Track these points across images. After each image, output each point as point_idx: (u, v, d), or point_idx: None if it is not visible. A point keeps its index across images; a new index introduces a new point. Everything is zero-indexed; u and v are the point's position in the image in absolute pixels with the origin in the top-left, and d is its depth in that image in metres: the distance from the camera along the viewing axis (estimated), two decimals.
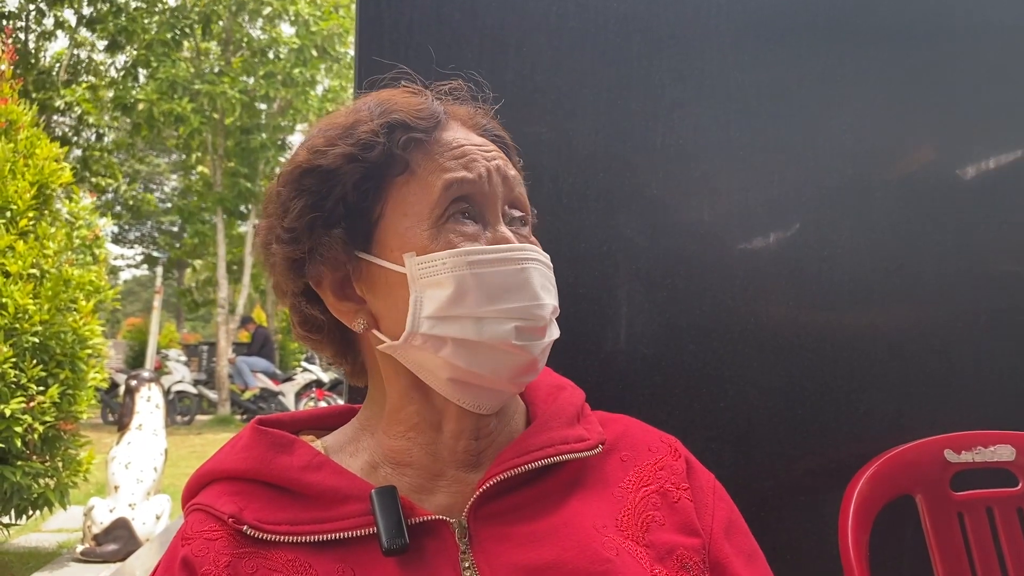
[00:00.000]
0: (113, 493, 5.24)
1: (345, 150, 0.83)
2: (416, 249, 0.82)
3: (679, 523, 0.86)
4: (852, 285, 1.48)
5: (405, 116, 0.84)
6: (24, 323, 4.24)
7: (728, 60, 1.48)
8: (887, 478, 1.35)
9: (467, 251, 0.80)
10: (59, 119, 14.56)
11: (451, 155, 0.84)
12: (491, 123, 0.92)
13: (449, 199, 0.82)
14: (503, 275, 0.81)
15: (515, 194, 0.88)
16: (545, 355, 0.85)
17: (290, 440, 0.86)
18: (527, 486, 0.84)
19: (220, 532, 0.80)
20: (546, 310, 0.82)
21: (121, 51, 14.27)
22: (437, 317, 0.80)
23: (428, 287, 0.81)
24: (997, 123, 1.57)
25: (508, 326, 0.80)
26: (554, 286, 0.86)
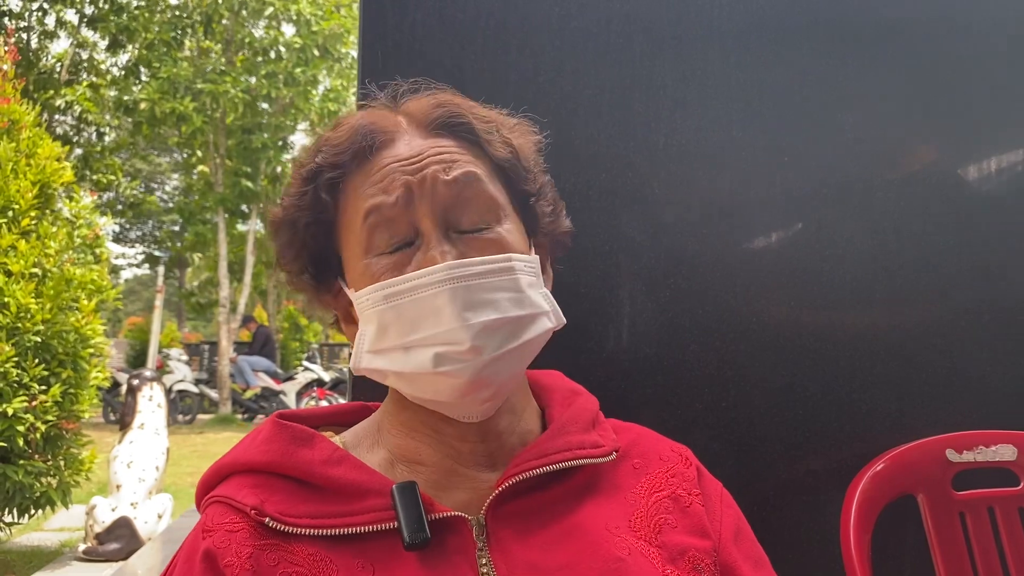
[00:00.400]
0: (115, 492, 5.25)
1: (289, 201, 0.87)
2: (355, 284, 0.85)
3: (691, 526, 0.87)
4: (854, 285, 1.48)
5: (324, 156, 0.85)
6: (26, 322, 4.25)
7: (730, 60, 1.48)
8: (889, 478, 1.35)
9: (381, 285, 0.80)
10: (60, 118, 14.56)
11: (372, 182, 0.83)
12: (448, 111, 0.87)
13: (369, 229, 0.82)
14: (418, 303, 0.79)
15: (459, 197, 0.83)
16: (501, 368, 0.81)
17: (310, 434, 0.87)
18: (542, 489, 0.85)
19: (241, 524, 0.80)
20: (470, 331, 0.77)
21: (123, 50, 14.28)
22: (373, 351, 0.83)
23: (364, 322, 0.84)
24: (999, 123, 1.57)
25: (428, 354, 0.79)
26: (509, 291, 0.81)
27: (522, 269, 0.83)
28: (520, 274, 0.82)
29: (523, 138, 0.92)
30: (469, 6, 1.42)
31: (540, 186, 0.92)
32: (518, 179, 0.89)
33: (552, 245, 0.96)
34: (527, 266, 0.84)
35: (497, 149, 0.87)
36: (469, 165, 0.84)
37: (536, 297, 0.84)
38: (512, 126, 0.92)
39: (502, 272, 0.81)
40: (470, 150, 0.86)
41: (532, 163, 0.91)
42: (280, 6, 13.64)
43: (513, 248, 0.84)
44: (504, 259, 0.81)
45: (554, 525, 0.83)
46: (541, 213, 0.91)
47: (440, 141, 0.85)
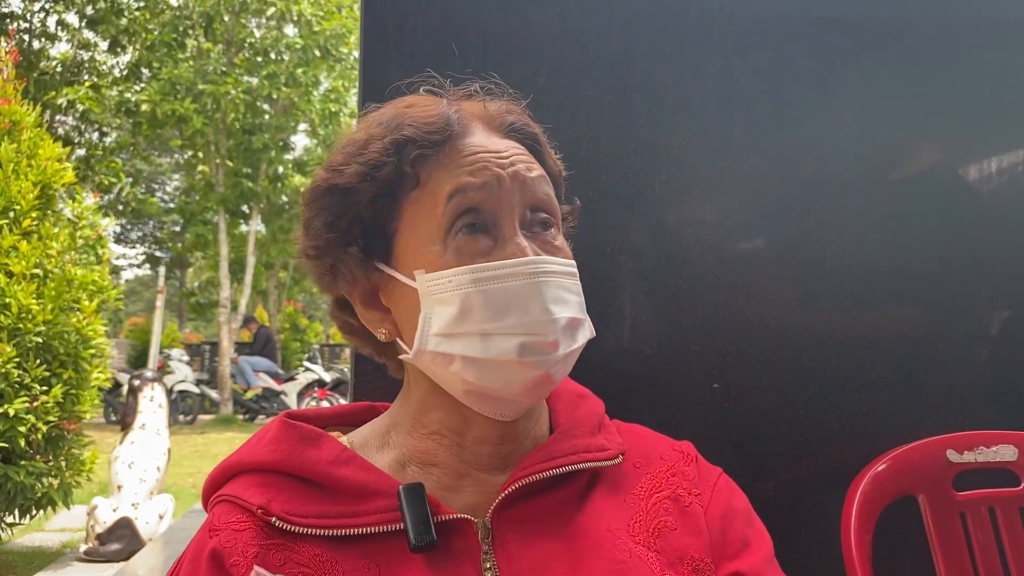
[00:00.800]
0: (116, 493, 5.25)
1: (358, 169, 0.84)
2: (426, 266, 0.83)
3: (690, 526, 0.88)
4: (855, 286, 1.49)
5: (415, 131, 0.83)
6: (27, 323, 4.25)
7: (731, 62, 1.48)
8: (890, 478, 1.35)
9: (471, 268, 0.80)
10: (62, 118, 14.57)
11: (460, 164, 0.83)
12: (520, 119, 0.90)
13: (455, 211, 0.81)
14: (509, 290, 0.79)
15: (538, 196, 0.85)
16: (564, 367, 0.84)
17: (318, 434, 0.87)
18: (548, 492, 0.86)
19: (248, 523, 0.80)
20: (557, 324, 0.79)
21: (123, 51, 14.30)
22: (444, 335, 0.81)
23: (436, 304, 0.82)
24: (999, 124, 1.58)
25: (513, 342, 0.79)
26: (576, 295, 0.84)
27: (577, 276, 0.86)
28: (578, 279, 0.86)
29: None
30: (470, 9, 1.42)
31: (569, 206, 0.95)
32: (559, 188, 0.92)
33: None
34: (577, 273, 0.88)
35: (550, 162, 0.91)
36: (540, 168, 0.87)
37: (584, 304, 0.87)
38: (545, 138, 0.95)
39: (572, 275, 0.84)
40: (536, 157, 0.89)
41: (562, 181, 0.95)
42: (282, 6, 13.64)
43: (570, 254, 0.87)
44: (572, 264, 0.85)
45: (558, 529, 0.83)
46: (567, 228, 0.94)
47: (515, 143, 0.87)
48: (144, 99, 13.28)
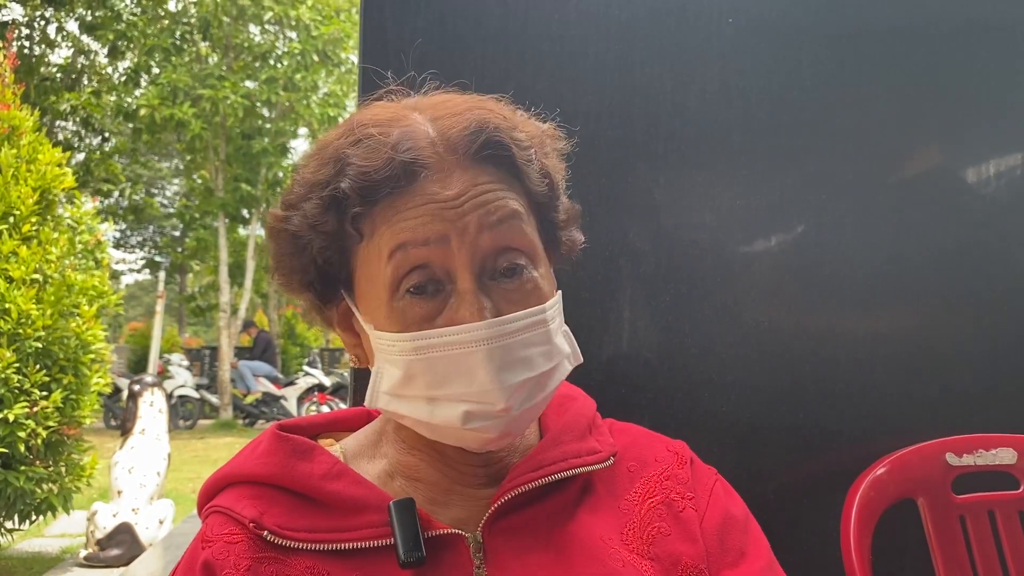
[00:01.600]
0: (116, 498, 5.25)
1: (302, 220, 0.80)
2: (375, 322, 0.80)
3: (684, 533, 0.86)
4: (854, 289, 1.49)
5: (352, 184, 0.76)
6: (27, 328, 4.25)
7: (729, 65, 1.48)
8: (889, 482, 1.35)
9: (413, 336, 0.76)
10: (62, 124, 14.60)
11: (403, 218, 0.76)
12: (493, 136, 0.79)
13: (397, 271, 0.76)
14: (453, 359, 0.75)
15: (502, 243, 0.78)
16: (527, 418, 0.80)
17: (310, 447, 0.86)
18: (540, 501, 0.84)
19: (241, 536, 0.80)
20: (506, 392, 0.75)
21: (122, 57, 14.33)
22: (392, 394, 0.81)
23: (385, 363, 0.81)
24: (999, 126, 1.58)
25: (458, 410, 0.76)
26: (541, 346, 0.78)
27: (551, 317, 0.80)
28: (550, 324, 0.80)
29: (554, 155, 0.87)
30: (469, 14, 1.42)
31: (566, 211, 0.89)
32: (550, 208, 0.85)
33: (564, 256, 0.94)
34: (555, 311, 0.82)
35: (535, 182, 0.82)
36: (511, 203, 0.79)
37: (560, 343, 0.82)
38: (544, 140, 0.86)
39: (537, 326, 0.78)
40: (509, 183, 0.80)
41: (561, 186, 0.87)
42: (279, 10, 13.66)
43: (544, 294, 0.81)
44: (538, 312, 0.78)
45: (551, 538, 0.82)
46: (565, 237, 0.90)
47: (482, 174, 0.78)
48: (143, 104, 13.29)
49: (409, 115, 0.81)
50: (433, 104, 0.83)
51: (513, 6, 1.43)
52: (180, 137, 14.06)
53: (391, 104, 0.85)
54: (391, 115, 0.81)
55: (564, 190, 0.89)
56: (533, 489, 0.83)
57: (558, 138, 0.90)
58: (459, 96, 0.85)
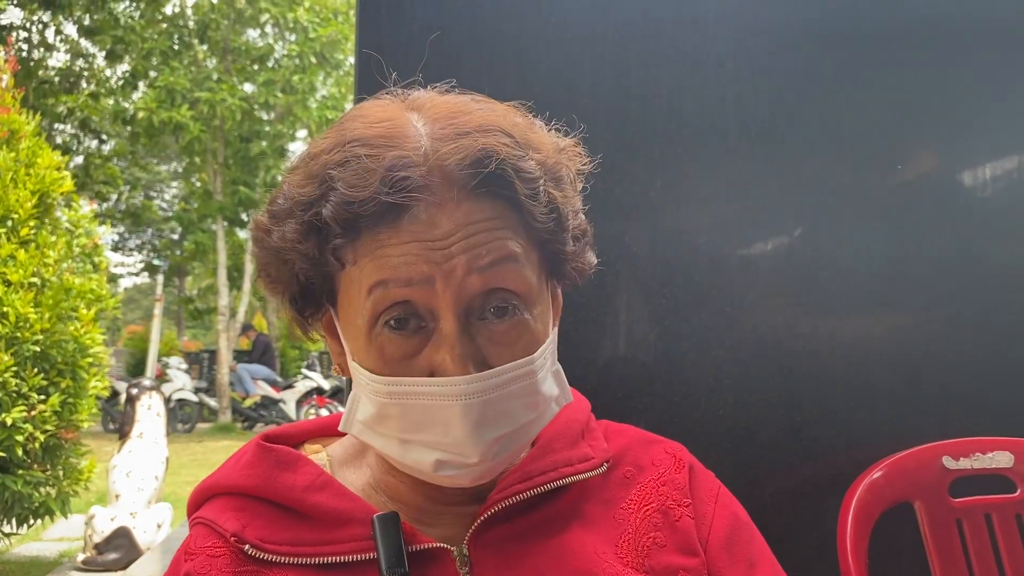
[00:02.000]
0: (114, 502, 5.24)
1: (285, 238, 0.75)
2: (354, 352, 0.78)
3: (680, 543, 0.84)
4: (850, 293, 1.49)
5: (333, 213, 0.71)
6: (25, 332, 4.25)
7: (726, 69, 1.49)
8: (886, 485, 1.35)
9: (387, 382, 0.73)
10: (60, 127, 14.61)
11: (386, 254, 0.71)
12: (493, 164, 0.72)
13: (377, 307, 0.72)
14: (426, 409, 0.72)
15: (491, 286, 0.72)
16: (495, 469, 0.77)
17: (294, 458, 0.85)
18: (530, 511, 0.82)
19: (223, 549, 0.79)
20: (481, 446, 0.72)
21: (120, 61, 14.34)
22: (366, 425, 0.78)
23: (361, 394, 0.78)
24: (993, 130, 1.58)
25: (430, 457, 0.74)
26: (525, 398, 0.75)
27: (541, 366, 0.76)
28: (539, 373, 0.76)
29: (567, 181, 0.80)
30: (465, 19, 1.43)
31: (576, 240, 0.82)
32: (556, 242, 0.78)
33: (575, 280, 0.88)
34: (545, 357, 0.77)
35: (539, 217, 0.75)
36: (507, 243, 0.73)
37: (548, 389, 0.78)
38: (558, 165, 0.79)
39: (522, 379, 0.74)
40: (509, 218, 0.74)
41: (571, 216, 0.80)
42: (276, 12, 13.67)
43: (537, 337, 0.76)
44: (526, 363, 0.74)
45: (542, 549, 0.80)
46: (573, 268, 0.83)
47: (476, 212, 0.72)
48: (141, 107, 13.29)
49: (407, 124, 0.74)
50: (438, 113, 0.76)
51: (508, 11, 1.44)
52: (178, 140, 14.06)
53: (391, 105, 0.78)
54: (386, 127, 0.74)
55: (577, 212, 0.82)
56: (521, 500, 0.81)
57: (577, 156, 0.85)
58: (470, 105, 0.78)
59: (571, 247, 0.81)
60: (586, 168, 0.85)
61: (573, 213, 0.81)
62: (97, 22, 13.82)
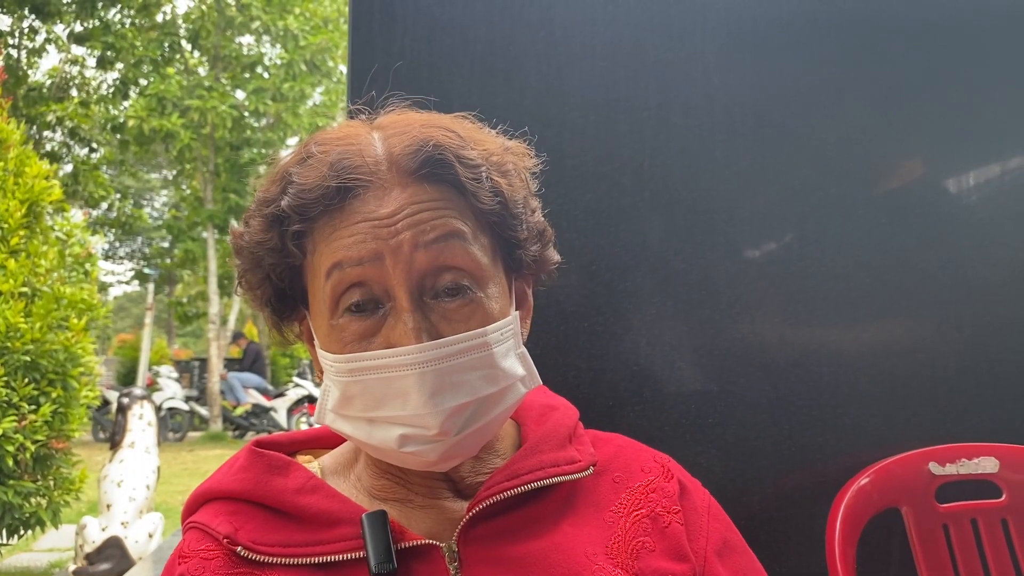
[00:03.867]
0: (105, 512, 5.22)
1: (251, 238, 0.82)
2: (321, 340, 0.82)
3: (669, 549, 0.86)
4: (837, 301, 1.51)
5: (291, 203, 0.78)
6: (15, 342, 4.23)
7: (712, 82, 1.50)
8: (873, 491, 1.37)
9: (347, 359, 0.77)
10: (49, 135, 14.57)
11: (338, 237, 0.77)
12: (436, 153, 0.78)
13: (335, 290, 0.77)
14: (386, 382, 0.76)
15: (439, 261, 0.77)
16: (463, 446, 0.79)
17: (286, 463, 0.87)
18: (519, 508, 0.84)
19: (216, 552, 0.81)
20: (439, 416, 0.75)
21: (111, 68, 14.33)
22: (336, 412, 0.82)
23: (329, 381, 0.82)
24: (978, 139, 1.61)
25: (394, 432, 0.77)
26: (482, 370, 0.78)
27: (498, 340, 0.79)
28: (495, 347, 0.79)
29: (514, 174, 0.84)
30: (457, 31, 1.44)
31: (528, 229, 0.85)
32: (505, 227, 0.83)
33: (536, 275, 0.93)
34: (503, 333, 0.81)
35: (484, 200, 0.79)
36: (452, 222, 0.78)
37: (510, 366, 0.81)
38: (503, 159, 0.84)
39: (476, 349, 0.77)
40: (455, 201, 0.79)
41: (521, 205, 0.84)
42: (267, 19, 13.67)
43: (491, 315, 0.79)
44: (479, 335, 0.78)
45: (531, 547, 0.81)
46: (527, 255, 0.86)
47: (421, 193, 0.78)
48: (131, 115, 13.26)
49: (366, 133, 0.81)
50: (392, 122, 0.83)
51: (499, 24, 1.45)
52: (168, 148, 14.03)
53: (357, 123, 0.85)
54: (345, 134, 0.81)
55: (531, 208, 0.87)
56: (509, 498, 0.83)
57: (525, 155, 0.88)
58: (419, 114, 0.85)
59: (523, 235, 0.84)
60: (535, 168, 0.89)
61: (523, 204, 0.85)
62: (88, 30, 13.81)
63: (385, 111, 0.87)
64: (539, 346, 1.41)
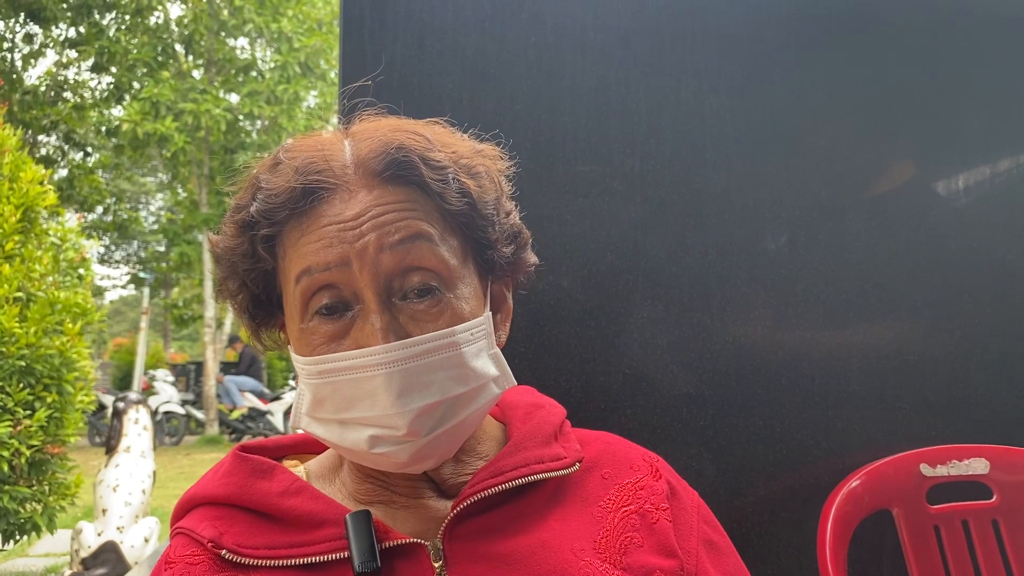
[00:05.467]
0: (101, 516, 5.21)
1: (229, 242, 0.83)
2: (293, 343, 0.83)
3: (657, 544, 0.86)
4: (827, 304, 1.52)
5: (259, 208, 0.79)
6: (10, 347, 4.23)
7: (703, 86, 1.51)
8: (864, 493, 1.38)
9: (316, 360, 0.78)
10: (44, 138, 14.56)
11: (306, 241, 0.78)
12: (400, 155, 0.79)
13: (304, 293, 0.79)
14: (355, 383, 0.77)
15: (404, 262, 0.78)
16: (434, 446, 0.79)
17: (270, 466, 0.87)
18: (504, 505, 0.85)
19: (202, 556, 0.82)
20: (407, 416, 0.76)
21: (105, 72, 14.32)
22: (310, 416, 0.83)
23: (302, 384, 0.83)
24: (968, 142, 1.62)
25: (364, 434, 0.78)
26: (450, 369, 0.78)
27: (467, 340, 0.80)
28: (465, 347, 0.79)
29: (485, 176, 0.85)
30: (447, 38, 1.45)
31: (500, 230, 0.86)
32: (474, 228, 0.83)
33: (514, 277, 0.93)
34: (474, 333, 0.81)
35: (451, 200, 0.80)
36: (418, 223, 0.79)
37: (482, 366, 0.82)
38: (472, 161, 0.84)
39: (444, 349, 0.78)
40: (422, 202, 0.80)
41: (492, 207, 0.84)
42: (260, 22, 13.67)
43: (461, 316, 0.80)
44: (447, 335, 0.78)
45: (518, 543, 0.82)
46: (500, 257, 0.87)
47: (387, 195, 0.79)
48: (125, 119, 13.25)
49: (337, 141, 0.83)
50: (362, 128, 0.85)
51: (490, 30, 1.46)
52: (163, 152, 14.02)
53: (330, 133, 0.87)
54: (315, 141, 0.83)
55: (504, 210, 0.87)
56: (494, 495, 0.83)
57: (497, 158, 0.89)
58: (390, 120, 0.86)
59: (494, 236, 0.85)
60: (508, 170, 0.89)
61: (495, 206, 0.85)
62: (82, 34, 13.80)
63: (359, 119, 0.88)
64: (531, 350, 1.42)
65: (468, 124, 0.93)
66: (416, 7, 1.44)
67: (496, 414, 0.98)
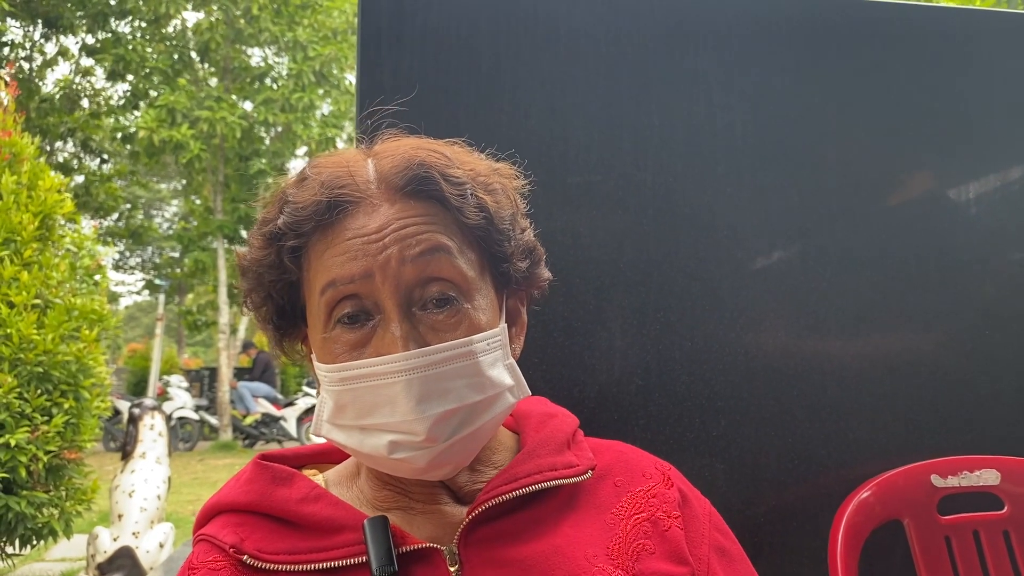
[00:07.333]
0: (117, 522, 5.25)
1: (256, 254, 0.86)
2: (316, 352, 0.86)
3: (669, 552, 0.88)
4: (840, 315, 1.53)
5: (287, 221, 0.83)
6: (28, 353, 4.27)
7: (714, 100, 1.53)
8: (875, 504, 1.39)
9: (338, 368, 0.81)
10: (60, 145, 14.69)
11: (331, 254, 0.82)
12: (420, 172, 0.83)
13: (328, 304, 0.81)
14: (375, 390, 0.79)
15: (425, 274, 0.81)
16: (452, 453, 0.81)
17: (290, 474, 0.90)
18: (519, 511, 0.87)
19: (224, 562, 0.84)
20: (425, 422, 0.78)
21: (122, 80, 14.45)
22: (331, 423, 0.85)
23: (324, 392, 0.85)
24: (978, 152, 1.62)
25: (383, 440, 0.80)
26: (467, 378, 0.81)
27: (484, 350, 0.82)
28: (482, 356, 0.82)
29: (501, 193, 0.88)
30: (463, 51, 1.47)
31: (516, 245, 0.89)
32: (491, 242, 0.86)
33: (528, 291, 0.96)
34: (490, 343, 0.84)
35: (469, 215, 0.83)
36: (437, 236, 0.82)
37: (498, 375, 0.84)
38: (489, 179, 0.88)
39: (461, 358, 0.80)
40: (441, 216, 0.83)
41: (508, 222, 0.87)
42: (276, 31, 13.76)
43: (478, 326, 0.82)
44: (464, 344, 0.81)
45: (532, 549, 0.84)
46: (515, 271, 0.89)
47: (408, 209, 0.82)
48: (141, 126, 13.36)
49: (361, 159, 0.86)
50: (386, 147, 0.88)
51: (504, 47, 1.48)
52: (178, 159, 14.12)
53: (354, 150, 0.91)
54: (341, 158, 0.87)
55: (520, 226, 0.90)
56: (508, 501, 0.86)
57: (513, 176, 0.92)
58: (411, 139, 0.89)
59: (510, 250, 0.88)
60: (523, 188, 0.93)
61: (510, 221, 0.88)
62: (99, 41, 13.93)
63: (381, 139, 0.91)
64: (545, 361, 1.43)
65: (481, 137, 0.96)
66: (432, 23, 1.46)
67: (510, 424, 1.00)
